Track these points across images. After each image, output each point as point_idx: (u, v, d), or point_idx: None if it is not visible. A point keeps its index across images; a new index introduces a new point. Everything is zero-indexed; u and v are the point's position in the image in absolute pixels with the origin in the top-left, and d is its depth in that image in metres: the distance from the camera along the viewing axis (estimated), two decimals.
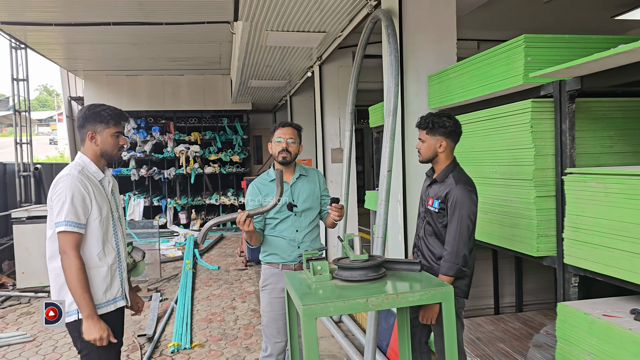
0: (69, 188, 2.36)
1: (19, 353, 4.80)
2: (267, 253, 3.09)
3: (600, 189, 2.32)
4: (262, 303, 3.10)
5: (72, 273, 2.31)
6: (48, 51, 9.34)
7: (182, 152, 12.23)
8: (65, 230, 2.33)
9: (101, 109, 2.52)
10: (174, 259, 9.10)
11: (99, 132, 2.50)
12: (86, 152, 2.53)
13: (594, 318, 2.31)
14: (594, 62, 2.19)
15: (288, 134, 3.01)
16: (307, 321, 2.10)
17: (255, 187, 3.10)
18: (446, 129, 2.77)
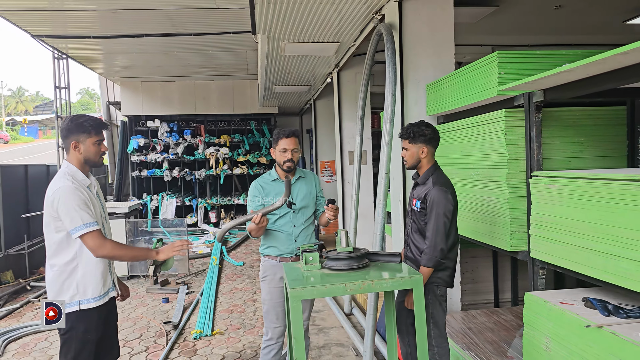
0: (70, 197, 2.61)
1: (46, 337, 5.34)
2: (266, 246, 3.44)
3: (555, 191, 2.62)
4: (262, 292, 3.46)
5: (118, 253, 2.70)
6: (87, 60, 10.01)
7: (212, 154, 12.78)
8: (86, 231, 2.60)
9: (83, 120, 2.74)
10: (202, 255, 9.62)
11: (81, 141, 2.73)
12: (71, 160, 2.76)
13: (551, 305, 2.60)
14: (546, 78, 2.48)
15: (292, 145, 3.34)
16: (294, 301, 2.48)
17: (258, 185, 3.44)
18: (426, 136, 3.12)
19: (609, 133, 3.15)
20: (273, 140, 3.43)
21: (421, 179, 3.19)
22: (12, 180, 8.28)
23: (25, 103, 65.72)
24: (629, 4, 6.61)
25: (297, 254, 3.35)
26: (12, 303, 6.64)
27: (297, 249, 3.38)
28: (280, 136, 3.36)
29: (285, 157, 3.34)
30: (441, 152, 4.14)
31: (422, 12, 4.44)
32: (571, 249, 2.54)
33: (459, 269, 4.56)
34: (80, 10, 6.67)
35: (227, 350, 4.84)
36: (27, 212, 8.46)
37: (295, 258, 3.38)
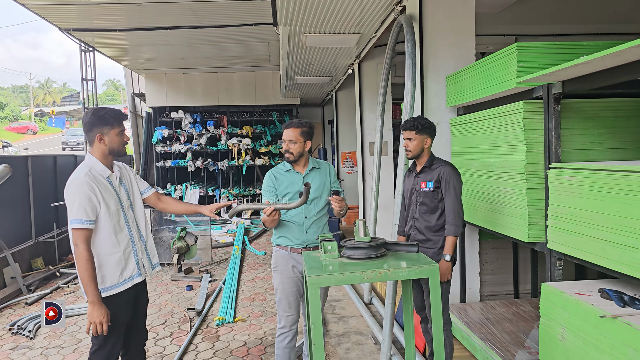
0: (76, 191, 2.70)
1: (74, 321, 5.54)
2: (277, 236, 3.44)
3: (572, 182, 2.63)
4: (275, 282, 3.49)
5: (81, 263, 2.65)
6: (113, 53, 10.20)
7: (235, 144, 12.92)
8: (77, 227, 2.66)
9: (104, 112, 2.84)
10: (225, 244, 9.78)
11: (105, 133, 2.82)
12: (94, 152, 2.85)
13: (567, 296, 2.62)
14: (564, 70, 2.49)
15: (288, 136, 3.32)
16: (312, 289, 2.55)
17: (272, 175, 3.43)
18: (430, 128, 3.38)
19: (630, 125, 3.13)
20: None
21: (427, 164, 3.44)
22: (41, 170, 8.54)
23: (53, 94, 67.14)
24: None
25: (309, 245, 3.40)
26: (43, 289, 6.88)
27: (309, 240, 3.41)
28: (284, 127, 3.41)
29: (284, 149, 3.37)
30: (460, 143, 4.18)
31: (442, 2, 4.44)
32: (587, 240, 2.55)
33: (478, 260, 4.60)
34: (106, 4, 6.82)
35: (248, 336, 4.95)
36: (56, 201, 8.72)
37: (306, 249, 3.39)
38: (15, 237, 7.48)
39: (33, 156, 8.36)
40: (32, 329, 5.19)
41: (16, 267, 6.78)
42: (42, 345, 4.88)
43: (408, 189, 3.60)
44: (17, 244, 7.44)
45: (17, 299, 6.37)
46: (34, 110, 56.49)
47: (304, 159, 3.45)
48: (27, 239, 7.82)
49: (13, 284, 6.73)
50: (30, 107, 58.88)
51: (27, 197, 7.98)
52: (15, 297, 6.46)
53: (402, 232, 3.69)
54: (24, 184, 7.93)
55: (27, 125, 46.26)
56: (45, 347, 4.83)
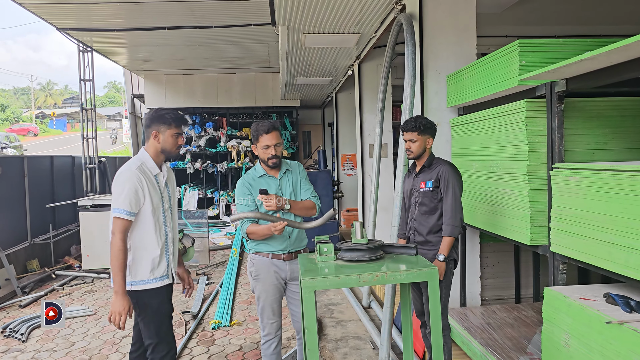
0: (126, 181, 2.81)
1: (81, 324, 5.45)
2: (257, 243, 3.27)
3: (576, 183, 2.54)
4: (256, 290, 3.35)
5: (115, 252, 2.75)
6: (112, 53, 10.13)
7: (234, 146, 12.84)
8: (118, 216, 2.77)
9: (165, 112, 2.98)
10: (223, 247, 9.69)
11: (162, 131, 2.94)
12: (148, 148, 2.97)
13: (571, 301, 2.53)
14: (568, 67, 2.40)
15: (274, 139, 3.17)
16: (306, 292, 2.46)
17: (246, 183, 3.26)
18: (431, 128, 3.33)
19: (636, 124, 3.04)
20: (252, 136, 3.28)
21: (427, 163, 3.39)
22: (38, 171, 8.46)
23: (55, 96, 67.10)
24: None
25: (291, 250, 3.31)
26: (37, 291, 6.79)
27: (292, 246, 3.32)
28: (260, 132, 3.19)
29: (269, 154, 3.19)
30: (461, 144, 4.09)
31: (443, 0, 4.36)
32: (592, 242, 2.46)
33: (479, 263, 4.50)
34: (104, 3, 6.75)
35: (244, 340, 4.86)
36: (52, 202, 8.64)
37: (288, 256, 3.30)
38: (10, 238, 7.40)
39: (29, 157, 8.28)
40: (25, 331, 5.10)
41: (11, 269, 6.70)
42: (34, 348, 4.78)
43: (407, 190, 3.53)
44: (12, 245, 7.36)
45: (10, 301, 6.29)
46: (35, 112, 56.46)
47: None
48: (22, 240, 7.74)
49: (7, 286, 6.64)
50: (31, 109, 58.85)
51: (23, 197, 7.90)
52: (9, 299, 6.37)
53: (403, 235, 3.61)
54: (20, 185, 7.85)
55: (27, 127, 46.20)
56: (37, 350, 4.73)
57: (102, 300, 6.34)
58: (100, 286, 7.08)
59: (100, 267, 7.71)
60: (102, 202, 7.89)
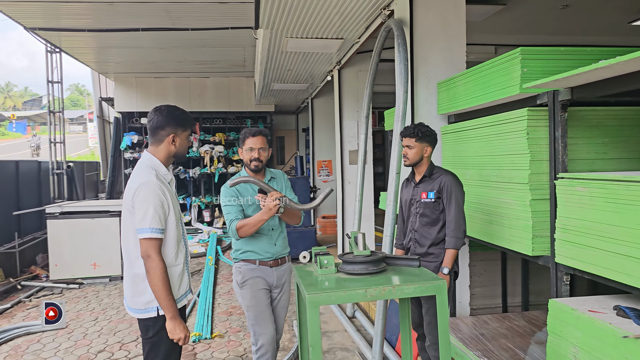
0: (151, 195, 2.49)
1: (52, 339, 5.15)
2: (242, 250, 3.23)
3: (585, 193, 2.49)
4: (244, 299, 3.22)
5: (158, 276, 2.47)
6: (81, 55, 9.79)
7: (207, 152, 12.59)
8: (151, 236, 2.47)
9: (180, 112, 2.67)
10: (197, 255, 9.43)
11: (179, 134, 2.65)
12: (158, 152, 2.64)
13: (580, 313, 2.48)
14: (578, 76, 2.36)
15: (259, 144, 3.18)
16: (312, 308, 2.33)
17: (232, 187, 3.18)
18: (431, 136, 3.27)
19: (635, 134, 3.04)
20: (240, 140, 3.27)
21: (427, 173, 3.32)
22: (2, 176, 8.05)
23: (14, 99, 64.81)
24: (635, 4, 6.54)
25: (277, 257, 3.28)
26: (2, 303, 6.42)
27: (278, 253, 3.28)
28: (247, 135, 3.22)
29: (252, 156, 3.18)
30: (453, 152, 4.03)
31: (433, 7, 4.31)
32: (602, 254, 2.41)
33: (468, 272, 4.46)
34: (75, 2, 6.48)
35: (227, 354, 4.68)
36: (18, 209, 8.24)
37: (274, 262, 3.26)
38: None
39: None
40: None
41: None
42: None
43: (407, 200, 3.44)
44: None
45: None
46: None
47: (264, 169, 3.31)
48: None
49: None
50: None
51: None
52: None
53: (401, 245, 3.52)
54: None
55: None
56: None
57: (72, 313, 6.03)
58: (70, 297, 6.75)
59: (70, 277, 7.38)
60: (71, 210, 7.55)
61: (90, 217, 7.47)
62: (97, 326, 5.49)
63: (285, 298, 3.44)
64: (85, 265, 7.42)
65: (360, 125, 5.35)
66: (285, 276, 3.41)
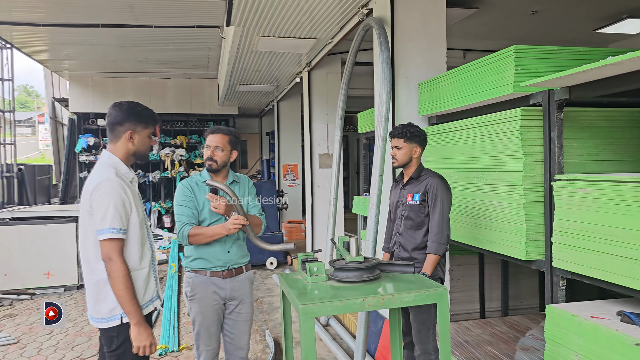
0: (111, 193, 2.33)
1: (2, 355, 4.74)
2: (193, 258, 2.97)
3: (588, 195, 2.41)
4: (191, 312, 3.01)
5: (120, 280, 2.29)
6: (34, 52, 9.24)
7: (168, 155, 12.17)
8: (112, 237, 2.30)
9: (142, 109, 2.51)
10: (158, 262, 9.04)
11: (138, 131, 2.47)
12: (117, 150, 2.47)
13: (582, 320, 2.39)
14: (583, 73, 2.28)
15: (215, 142, 2.96)
16: (306, 320, 2.14)
17: (188, 185, 2.98)
18: (420, 137, 3.15)
19: (625, 136, 3.00)
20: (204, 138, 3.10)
21: (415, 174, 3.20)
22: None
23: None
24: (601, 12, 6.68)
25: (231, 267, 2.99)
26: None
27: (232, 261, 3.00)
28: (208, 132, 3.03)
29: (207, 154, 2.96)
30: (435, 154, 3.94)
31: (414, 6, 4.22)
32: (606, 258, 2.33)
33: (448, 277, 4.36)
34: None
35: None
36: None
37: (228, 273, 2.98)
38: None
39: None
40: None
41: None
42: None
43: (394, 202, 3.30)
44: None
45: None
46: None
47: (225, 171, 3.07)
48: None
49: None
50: None
51: None
52: None
53: (387, 249, 3.37)
54: None
55: None
56: None
57: (25, 326, 5.60)
58: (21, 309, 6.29)
59: (21, 288, 6.88)
60: (23, 215, 7.07)
61: (44, 222, 7.01)
62: (52, 340, 5.11)
63: (247, 310, 3.10)
64: (37, 275, 6.95)
65: (335, 127, 5.19)
66: (244, 287, 3.08)
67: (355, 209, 6.18)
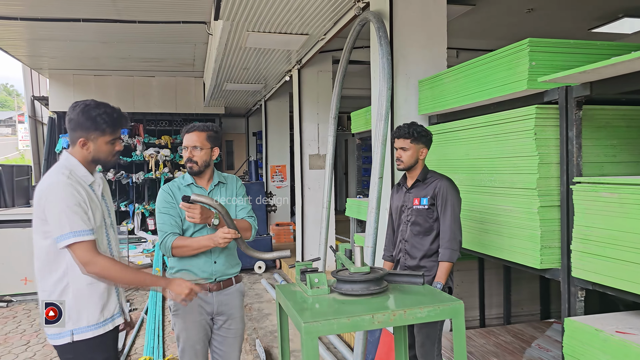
0: (62, 197, 2.09)
1: None
2: (177, 269, 2.72)
3: (614, 200, 2.22)
4: (176, 328, 2.77)
5: (113, 272, 2.14)
6: (11, 47, 8.87)
7: (152, 155, 11.82)
8: (77, 241, 2.07)
9: (96, 114, 2.18)
10: (142, 266, 8.74)
11: (92, 139, 2.20)
12: (75, 154, 2.23)
13: (607, 335, 2.20)
14: (611, 67, 2.09)
15: (192, 141, 2.69)
16: (309, 340, 1.92)
17: (169, 190, 2.75)
18: (426, 137, 3.00)
19: None
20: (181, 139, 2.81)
21: (421, 177, 3.02)
22: None
23: None
24: (596, 12, 6.58)
25: (217, 278, 2.74)
26: None
27: (219, 272, 2.75)
28: (184, 132, 2.76)
29: (185, 157, 2.71)
30: (436, 155, 3.74)
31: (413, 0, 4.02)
32: (634, 267, 2.14)
33: None
34: None
35: None
36: None
37: (215, 286, 2.73)
38: None
39: None
40: None
41: None
42: None
43: (397, 207, 3.08)
44: None
45: None
46: None
47: (210, 171, 2.80)
48: None
49: None
50: None
51: None
52: None
53: (389, 257, 3.16)
54: None
55: None
56: None
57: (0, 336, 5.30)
58: None
59: None
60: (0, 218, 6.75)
61: (21, 226, 6.68)
62: (29, 351, 4.81)
63: (237, 326, 2.85)
64: (14, 280, 6.61)
65: (329, 127, 4.97)
66: (233, 301, 2.83)
67: (348, 211, 5.96)
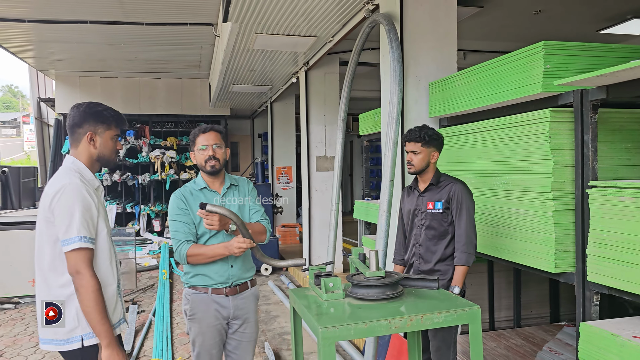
0: (75, 199, 2.08)
1: None
2: (192, 274, 2.72)
3: (631, 204, 2.21)
4: (191, 333, 2.78)
5: (90, 295, 2.05)
6: (18, 49, 8.90)
7: (158, 157, 11.85)
8: (80, 246, 2.05)
9: (102, 109, 2.28)
10: (148, 268, 8.76)
11: (99, 133, 2.24)
12: (80, 155, 2.24)
13: (624, 340, 2.19)
14: (629, 70, 2.07)
15: (213, 140, 2.70)
16: (326, 345, 1.91)
17: (182, 196, 2.72)
18: (438, 140, 2.97)
19: None
20: (190, 142, 2.79)
21: (434, 180, 3.01)
22: None
23: None
24: (604, 13, 6.54)
25: (234, 282, 2.73)
26: None
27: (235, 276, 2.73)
28: (197, 134, 2.75)
29: (207, 155, 2.68)
30: (447, 158, 3.73)
31: (424, 1, 4.01)
32: None
33: None
34: None
35: None
36: None
37: (231, 290, 2.73)
38: None
39: None
40: None
41: None
42: None
43: (409, 211, 3.07)
44: None
45: None
46: None
47: (222, 173, 2.79)
48: None
49: None
50: None
51: None
52: None
53: (401, 261, 3.15)
54: None
55: None
56: None
57: (8, 338, 5.30)
58: (5, 319, 5.98)
59: (4, 296, 6.57)
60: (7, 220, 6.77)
61: (29, 228, 6.69)
62: (38, 354, 4.82)
63: (252, 330, 2.85)
64: (22, 282, 6.62)
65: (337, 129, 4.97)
66: (248, 306, 2.82)
67: (356, 214, 5.95)
